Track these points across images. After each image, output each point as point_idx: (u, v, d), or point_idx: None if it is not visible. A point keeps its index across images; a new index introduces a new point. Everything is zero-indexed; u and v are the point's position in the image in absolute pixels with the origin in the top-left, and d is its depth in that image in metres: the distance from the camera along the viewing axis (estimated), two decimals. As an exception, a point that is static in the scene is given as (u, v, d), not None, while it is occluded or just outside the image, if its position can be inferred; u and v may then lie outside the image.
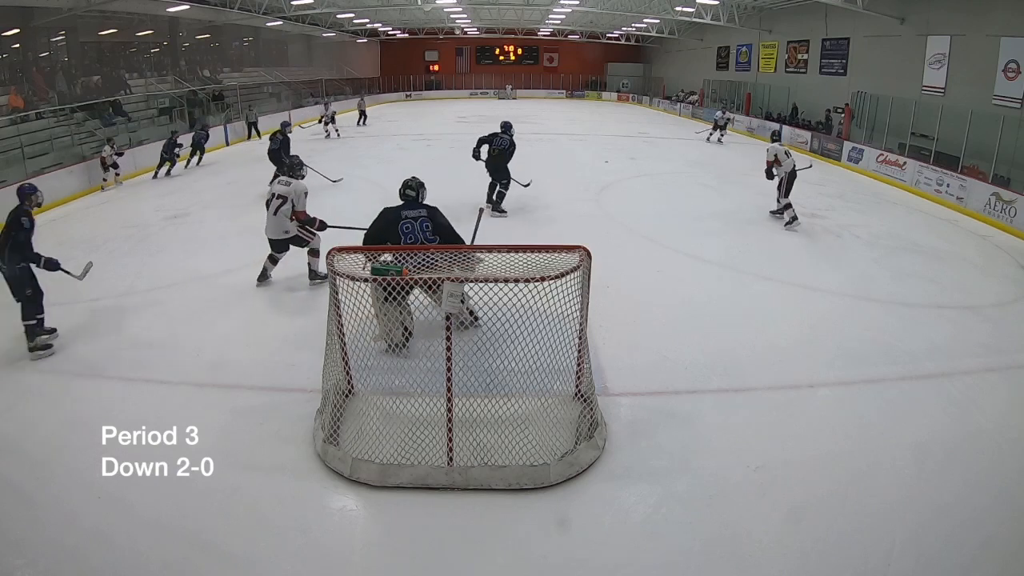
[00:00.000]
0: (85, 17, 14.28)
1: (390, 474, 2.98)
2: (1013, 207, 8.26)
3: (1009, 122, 9.66)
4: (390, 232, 4.05)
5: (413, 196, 4.20)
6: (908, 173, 11.01)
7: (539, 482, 2.97)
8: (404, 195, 4.21)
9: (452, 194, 8.65)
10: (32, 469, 3.07)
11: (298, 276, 5.60)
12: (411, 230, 4.05)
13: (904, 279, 6.01)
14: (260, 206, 7.74)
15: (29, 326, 4.31)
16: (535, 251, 3.41)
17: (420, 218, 4.09)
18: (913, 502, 2.93)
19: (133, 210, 8.54)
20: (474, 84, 32.94)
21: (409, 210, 4.12)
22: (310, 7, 19.54)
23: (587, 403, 3.36)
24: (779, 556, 2.63)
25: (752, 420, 3.59)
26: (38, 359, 4.20)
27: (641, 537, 2.74)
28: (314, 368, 3.64)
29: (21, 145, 9.70)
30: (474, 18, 27.97)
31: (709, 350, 4.34)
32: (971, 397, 3.87)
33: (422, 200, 4.25)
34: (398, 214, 4.10)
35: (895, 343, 4.57)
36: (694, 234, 7.23)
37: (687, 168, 12.16)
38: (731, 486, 3.03)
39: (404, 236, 4.04)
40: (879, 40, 13.97)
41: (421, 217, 4.09)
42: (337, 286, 3.09)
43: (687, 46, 25.89)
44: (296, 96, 21.82)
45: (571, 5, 21.65)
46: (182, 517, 2.77)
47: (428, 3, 21.17)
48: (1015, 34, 10.22)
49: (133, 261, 6.26)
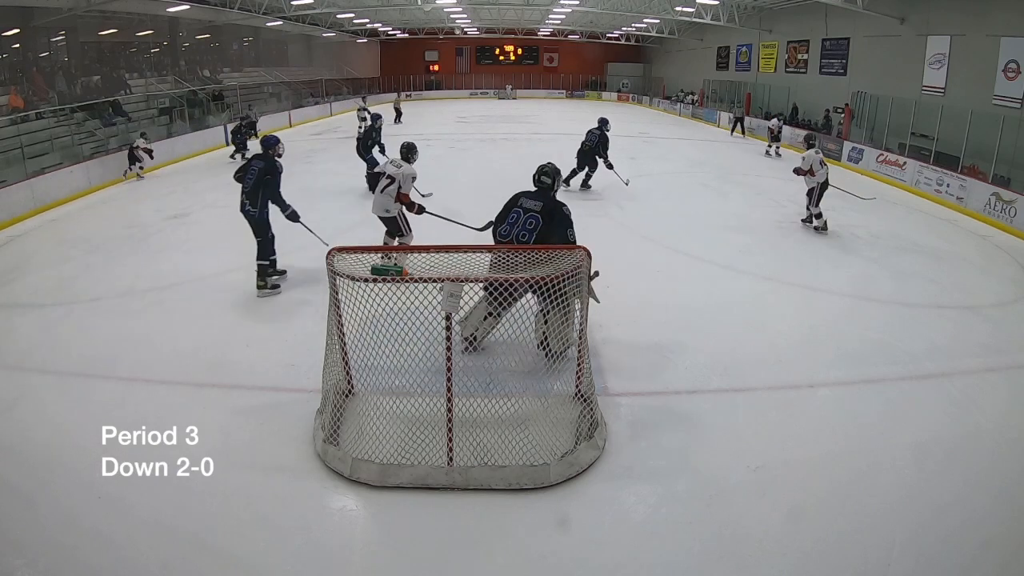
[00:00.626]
0: (85, 17, 14.29)
1: (390, 474, 2.98)
2: (1013, 207, 8.25)
3: (1009, 122, 9.65)
4: (505, 213, 3.91)
5: (549, 184, 3.98)
6: (908, 173, 11.01)
7: (539, 482, 2.97)
8: (539, 182, 4.01)
9: (451, 193, 8.67)
10: (32, 469, 3.07)
11: (298, 276, 5.60)
12: (516, 220, 3.84)
13: (904, 279, 6.00)
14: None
15: (262, 266, 5.12)
16: (535, 251, 3.42)
17: (531, 212, 3.82)
18: (913, 502, 2.93)
19: (133, 210, 8.54)
20: (474, 84, 32.95)
21: (528, 199, 3.92)
22: (310, 7, 19.54)
23: (587, 403, 3.36)
24: (779, 556, 2.63)
25: (752, 420, 3.59)
26: (265, 296, 4.84)
27: (641, 537, 2.74)
28: (314, 368, 3.64)
29: (21, 145, 9.69)
30: (474, 18, 27.98)
31: (709, 350, 4.34)
32: (971, 397, 3.87)
33: (556, 190, 4.01)
34: (517, 198, 3.94)
35: (895, 343, 4.57)
36: (694, 234, 7.23)
37: (687, 168, 12.16)
38: (731, 486, 3.03)
39: (510, 225, 3.85)
40: (879, 40, 13.97)
41: (532, 212, 3.82)
42: (337, 286, 3.09)
43: (687, 46, 25.89)
44: (296, 96, 21.81)
45: (571, 5, 21.65)
46: (182, 517, 2.77)
47: (428, 3, 21.16)
48: (1015, 34, 10.22)
49: (133, 261, 6.26)
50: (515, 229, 3.84)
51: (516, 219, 3.86)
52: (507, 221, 3.91)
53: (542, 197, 3.94)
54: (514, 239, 3.82)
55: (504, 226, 3.91)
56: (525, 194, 3.99)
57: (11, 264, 6.31)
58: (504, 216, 3.97)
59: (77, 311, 5.01)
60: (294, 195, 9.21)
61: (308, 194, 9.37)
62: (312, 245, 6.27)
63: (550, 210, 3.86)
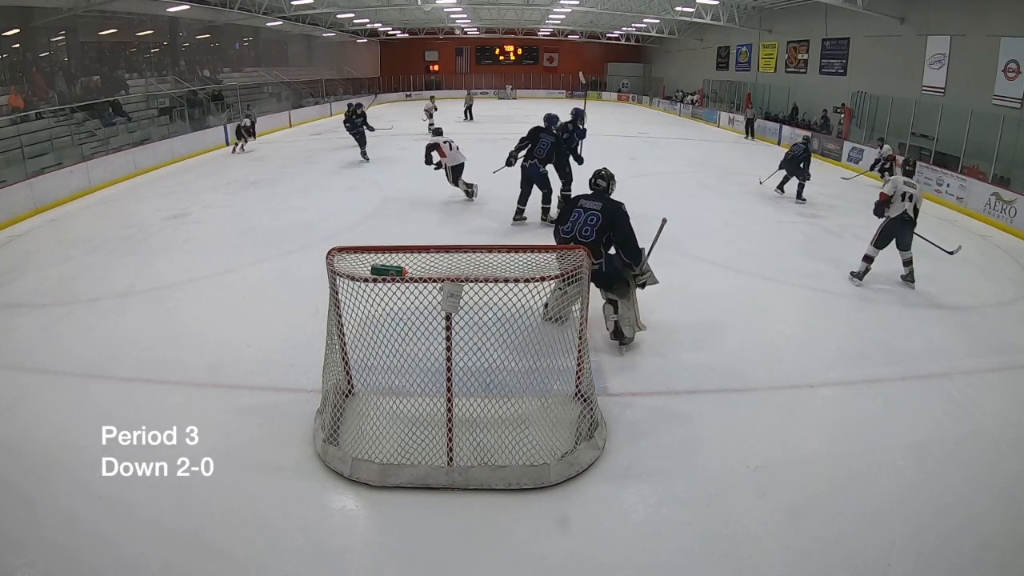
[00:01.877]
0: (85, 17, 14.29)
1: (390, 474, 2.98)
2: (1013, 207, 8.25)
3: (1009, 122, 9.66)
4: (567, 214, 4.24)
5: (604, 187, 4.32)
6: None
7: (539, 482, 2.97)
8: (595, 184, 4.34)
9: (451, 193, 8.68)
10: (32, 469, 3.07)
11: (297, 276, 5.60)
12: (578, 219, 4.16)
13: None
14: (259, 207, 7.76)
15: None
16: (535, 251, 3.42)
17: (591, 211, 4.14)
18: (913, 502, 2.93)
19: (133, 210, 8.54)
20: (474, 84, 32.92)
21: (588, 200, 4.23)
22: (310, 7, 19.54)
23: (587, 403, 3.36)
24: (779, 556, 2.63)
25: (752, 420, 3.59)
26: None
27: (641, 537, 2.74)
28: (314, 368, 3.64)
29: (21, 145, 9.69)
30: (474, 18, 27.98)
31: (709, 350, 4.34)
32: (971, 397, 3.87)
33: (611, 193, 4.34)
34: (577, 200, 4.27)
35: (895, 343, 4.57)
36: (694, 234, 7.22)
37: (688, 168, 12.16)
38: (731, 486, 3.03)
39: (572, 224, 4.16)
40: (879, 40, 13.97)
41: (593, 210, 4.14)
42: (337, 286, 3.09)
43: (687, 46, 25.89)
44: (296, 96, 21.82)
45: (571, 5, 21.65)
46: (182, 517, 2.77)
47: (428, 3, 21.16)
48: (1015, 34, 10.22)
49: (133, 261, 6.26)
50: (575, 228, 4.15)
51: (578, 217, 4.15)
52: (571, 221, 4.18)
53: (599, 197, 4.25)
54: (576, 236, 4.13)
55: (567, 225, 4.20)
56: (583, 195, 4.34)
57: (11, 264, 6.31)
58: (565, 217, 4.27)
59: (77, 311, 5.01)
60: (294, 194, 9.30)
61: (308, 194, 9.40)
62: (313, 244, 6.30)
63: (611, 208, 4.15)
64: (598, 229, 4.09)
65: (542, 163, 7.14)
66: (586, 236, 4.08)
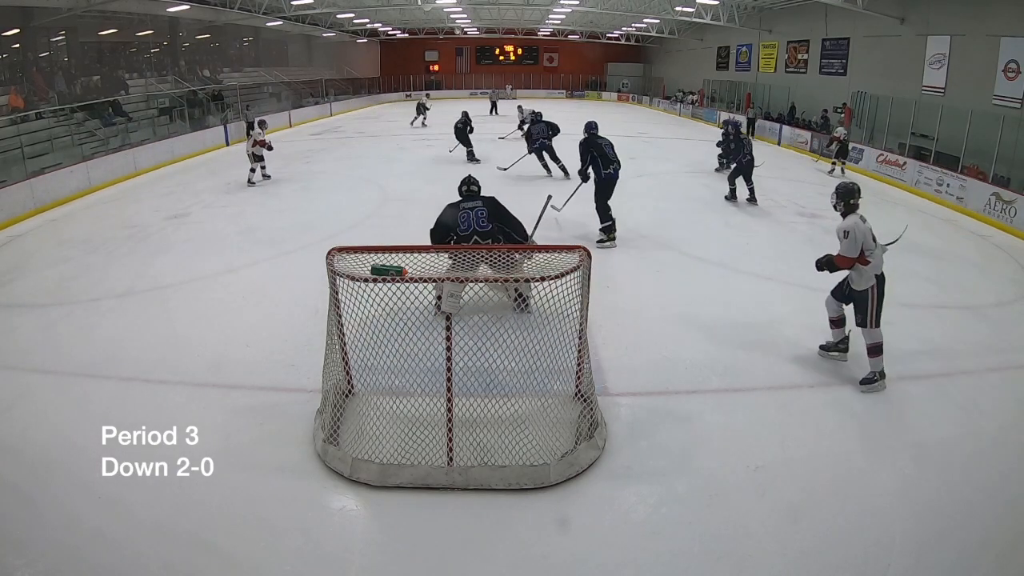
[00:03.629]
0: (85, 17, 14.29)
1: (390, 474, 2.98)
2: (1013, 207, 8.25)
3: (1009, 122, 9.65)
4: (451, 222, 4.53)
5: (476, 191, 4.71)
6: (908, 173, 11.00)
7: (539, 482, 2.97)
8: (467, 191, 4.70)
9: (447, 192, 8.68)
10: (32, 469, 3.07)
11: (297, 276, 5.60)
12: (467, 219, 4.53)
13: (904, 279, 5.97)
14: (259, 207, 7.76)
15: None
16: (535, 251, 3.42)
17: (476, 208, 4.56)
18: (912, 501, 2.93)
19: (133, 210, 8.53)
20: (474, 84, 32.91)
21: (468, 202, 4.63)
22: (310, 7, 19.53)
23: (587, 403, 3.36)
24: (779, 556, 2.63)
25: (752, 420, 3.59)
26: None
27: (641, 537, 2.74)
28: (314, 368, 3.64)
29: (21, 145, 9.70)
30: (474, 18, 27.96)
31: (709, 350, 4.34)
32: (971, 397, 3.87)
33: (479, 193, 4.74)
34: (458, 206, 4.62)
35: (895, 343, 4.56)
36: (695, 234, 7.22)
37: (688, 168, 12.16)
38: (731, 486, 3.03)
39: (461, 224, 4.51)
40: (879, 40, 13.96)
41: (477, 207, 4.56)
42: (337, 286, 3.09)
43: (687, 46, 25.88)
44: (296, 96, 21.81)
45: (571, 5, 21.63)
46: (182, 517, 2.77)
47: (428, 3, 21.14)
48: (1015, 34, 10.21)
49: (133, 261, 6.26)
50: (472, 223, 4.51)
51: (467, 218, 4.52)
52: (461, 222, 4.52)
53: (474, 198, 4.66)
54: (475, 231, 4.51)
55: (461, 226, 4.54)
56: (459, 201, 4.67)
57: (11, 264, 6.31)
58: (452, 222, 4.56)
59: (77, 311, 5.01)
60: (294, 194, 9.29)
61: (307, 193, 9.40)
62: (313, 244, 6.30)
63: (487, 201, 4.62)
64: (488, 218, 4.53)
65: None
66: (484, 228, 4.50)
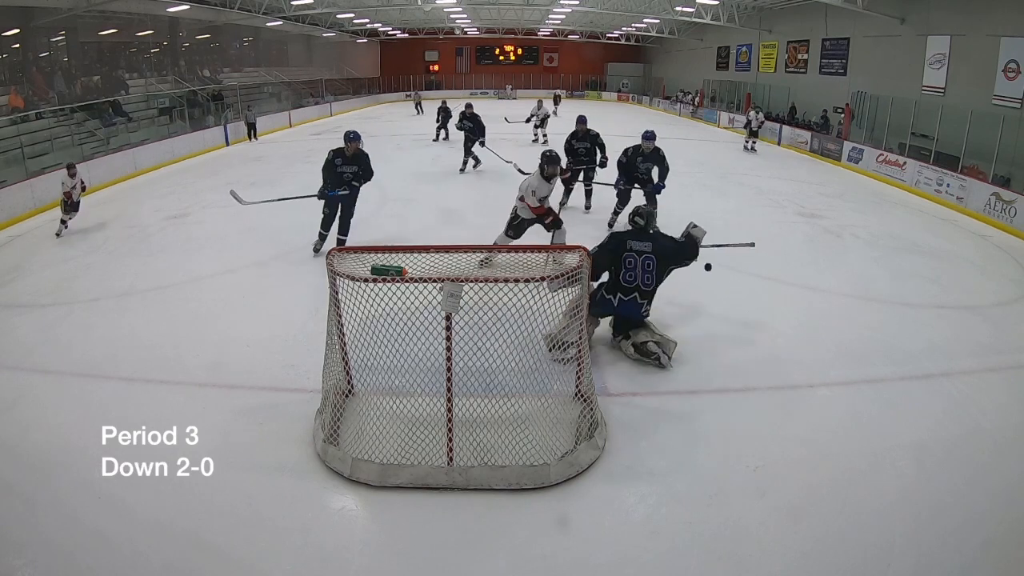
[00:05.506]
0: (85, 17, 14.29)
1: (390, 474, 2.98)
2: (1013, 207, 8.25)
3: (1009, 122, 9.65)
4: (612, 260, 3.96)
5: (641, 225, 4.06)
6: (908, 173, 11.00)
7: (539, 482, 2.97)
8: (632, 222, 4.13)
9: (447, 192, 8.69)
10: (32, 469, 3.07)
11: (297, 275, 5.60)
12: (633, 265, 3.94)
13: (904, 279, 6.00)
14: (260, 207, 7.73)
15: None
16: (535, 251, 3.42)
17: (644, 254, 3.95)
18: (913, 502, 2.93)
19: (133, 210, 8.53)
20: (474, 84, 32.92)
21: (635, 240, 3.98)
22: (310, 7, 19.54)
23: (587, 403, 3.36)
24: (779, 556, 2.63)
25: (752, 420, 3.59)
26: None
27: (641, 537, 2.74)
28: (314, 368, 3.64)
29: (21, 145, 9.70)
30: (474, 18, 27.97)
31: (709, 350, 4.33)
32: (971, 397, 3.87)
33: (651, 230, 4.06)
34: (623, 242, 3.98)
35: (895, 343, 4.57)
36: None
37: (687, 168, 12.12)
38: (731, 486, 3.02)
39: (626, 270, 3.94)
40: (879, 40, 13.96)
41: (646, 253, 3.95)
42: (337, 286, 3.09)
43: (687, 46, 25.88)
44: (296, 96, 21.81)
45: (571, 5, 21.64)
46: (182, 517, 2.77)
47: (428, 3, 21.15)
48: (1015, 34, 10.21)
49: (133, 261, 6.26)
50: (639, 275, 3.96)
51: (633, 264, 3.96)
52: (625, 267, 3.95)
53: (643, 236, 4.02)
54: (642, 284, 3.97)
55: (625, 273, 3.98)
56: (626, 234, 4.05)
57: (11, 264, 6.30)
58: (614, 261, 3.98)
59: (77, 311, 5.01)
60: (295, 194, 9.26)
61: (307, 193, 9.38)
62: (313, 244, 6.30)
63: (660, 245, 4.00)
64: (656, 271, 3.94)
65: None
66: (648, 285, 3.95)
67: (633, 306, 4.01)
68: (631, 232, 4.09)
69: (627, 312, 4.04)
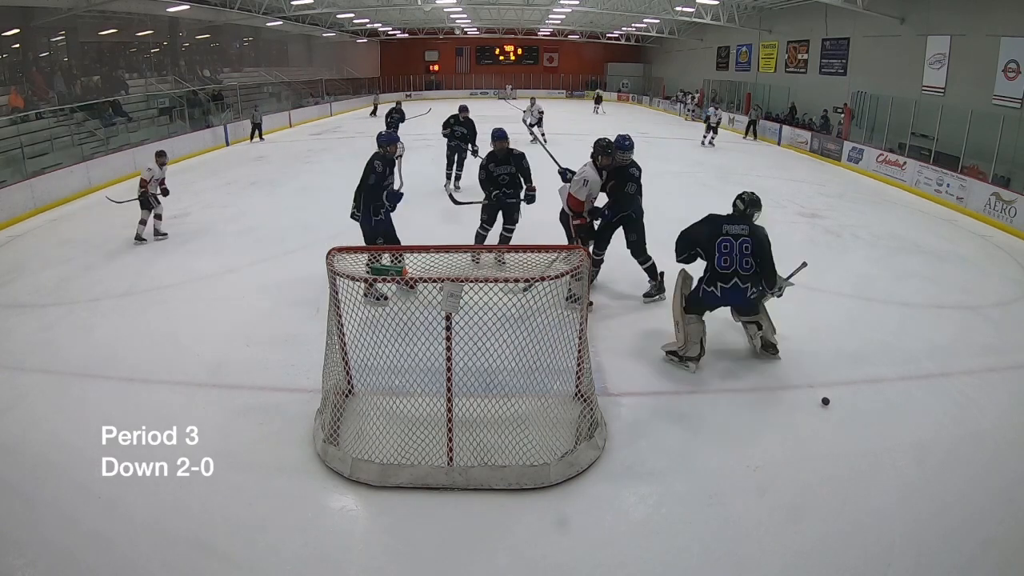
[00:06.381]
0: (85, 17, 14.29)
1: (390, 474, 2.98)
2: (1013, 207, 8.25)
3: (1009, 122, 9.65)
4: (708, 244, 3.86)
5: (742, 210, 3.95)
6: (908, 173, 11.01)
7: (539, 482, 2.97)
8: (734, 205, 4.01)
9: (444, 195, 8.65)
10: (32, 469, 3.07)
11: (297, 276, 5.60)
12: (729, 249, 3.83)
13: (904, 279, 6.00)
14: (259, 207, 7.78)
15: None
16: (535, 251, 3.42)
17: (741, 237, 3.82)
18: (913, 502, 2.93)
19: (133, 210, 8.51)
20: (474, 84, 32.92)
21: (732, 224, 3.88)
22: (310, 7, 19.53)
23: (587, 403, 3.36)
24: (779, 556, 2.63)
25: (752, 420, 3.59)
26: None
27: (641, 537, 2.74)
28: (314, 368, 3.64)
29: (21, 145, 9.69)
30: (474, 18, 27.97)
31: (709, 350, 4.32)
32: (971, 397, 3.87)
33: (752, 217, 3.95)
34: (719, 225, 3.88)
35: (895, 343, 4.57)
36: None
37: (687, 168, 12.16)
38: (731, 486, 3.03)
39: (720, 254, 3.84)
40: (879, 40, 13.96)
41: (743, 236, 3.83)
42: (337, 286, 3.09)
43: (687, 46, 25.88)
44: (296, 96, 21.81)
45: (571, 5, 21.63)
46: (182, 517, 2.77)
47: (428, 3, 21.14)
48: (1015, 34, 10.21)
49: (133, 261, 6.27)
50: (735, 258, 3.84)
51: (729, 248, 3.84)
52: (719, 252, 3.84)
53: (740, 220, 3.93)
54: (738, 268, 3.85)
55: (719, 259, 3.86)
56: (724, 218, 3.94)
57: (11, 264, 6.30)
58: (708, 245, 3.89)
59: (77, 311, 5.01)
60: (294, 194, 9.28)
61: (308, 194, 9.39)
62: (313, 244, 6.29)
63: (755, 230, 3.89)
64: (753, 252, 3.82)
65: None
66: (747, 269, 3.83)
67: (737, 292, 3.90)
68: (728, 216, 3.97)
69: (734, 300, 3.99)
